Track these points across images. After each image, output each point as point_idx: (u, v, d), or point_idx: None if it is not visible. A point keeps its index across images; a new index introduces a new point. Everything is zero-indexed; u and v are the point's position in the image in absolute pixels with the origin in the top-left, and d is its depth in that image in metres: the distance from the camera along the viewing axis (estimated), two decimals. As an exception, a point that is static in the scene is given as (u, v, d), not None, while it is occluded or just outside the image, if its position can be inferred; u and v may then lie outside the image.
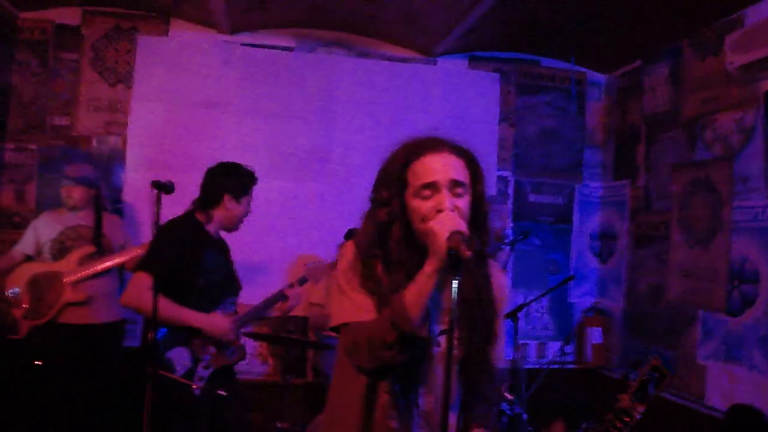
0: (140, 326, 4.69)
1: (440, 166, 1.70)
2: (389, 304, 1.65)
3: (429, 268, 1.60)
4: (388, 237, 1.74)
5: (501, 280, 1.87)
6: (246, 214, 3.36)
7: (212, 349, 3.16)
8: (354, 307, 1.73)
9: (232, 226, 3.35)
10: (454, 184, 1.69)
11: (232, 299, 3.32)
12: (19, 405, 3.99)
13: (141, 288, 2.96)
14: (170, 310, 2.98)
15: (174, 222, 3.19)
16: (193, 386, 3.04)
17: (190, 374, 3.07)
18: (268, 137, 5.03)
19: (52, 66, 4.82)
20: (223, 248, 3.39)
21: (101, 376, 4.01)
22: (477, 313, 1.73)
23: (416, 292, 1.60)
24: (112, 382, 4.05)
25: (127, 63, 4.91)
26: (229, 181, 3.27)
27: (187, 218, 3.24)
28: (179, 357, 3.07)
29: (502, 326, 1.88)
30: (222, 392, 3.08)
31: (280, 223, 4.95)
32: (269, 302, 3.42)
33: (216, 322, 3.12)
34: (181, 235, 3.14)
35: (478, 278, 1.75)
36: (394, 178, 1.75)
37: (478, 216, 1.75)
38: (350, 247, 1.82)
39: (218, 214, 3.26)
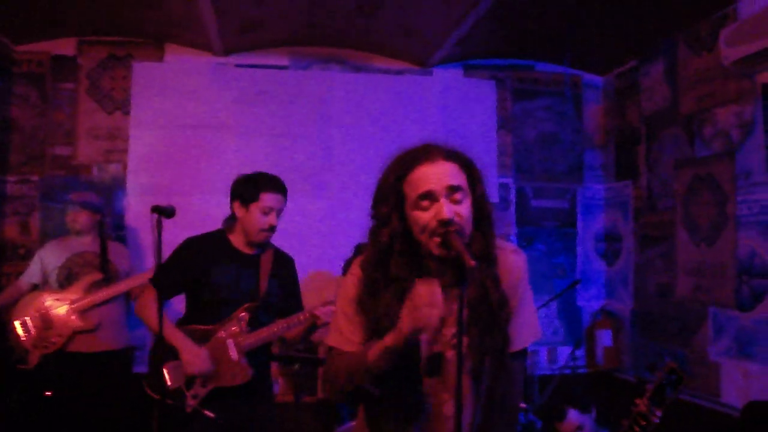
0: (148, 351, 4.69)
1: (434, 175, 1.67)
2: (378, 326, 1.69)
3: (389, 342, 1.61)
4: (390, 256, 1.74)
5: (511, 262, 1.80)
6: (261, 223, 3.07)
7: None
8: (340, 335, 1.82)
9: (251, 238, 3.11)
10: (451, 190, 1.66)
11: (242, 316, 3.11)
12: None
13: (147, 300, 3.01)
14: (164, 328, 2.91)
15: (194, 237, 3.14)
16: (188, 403, 2.93)
17: (180, 391, 2.96)
18: (267, 156, 5.02)
19: (50, 97, 4.86)
20: (252, 263, 3.17)
21: (111, 403, 4.00)
22: (487, 315, 1.69)
23: (375, 359, 1.63)
24: (122, 410, 4.03)
25: (123, 90, 4.94)
26: (238, 187, 3.10)
27: (213, 233, 3.18)
28: (174, 371, 2.97)
29: (528, 307, 1.83)
30: (209, 413, 2.91)
31: (283, 241, 4.92)
32: (287, 326, 3.16)
33: (194, 357, 2.94)
34: (194, 249, 3.07)
35: (486, 280, 1.70)
36: (391, 193, 1.73)
37: (481, 218, 1.73)
38: (355, 269, 1.84)
39: (237, 224, 3.12)
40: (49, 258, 4.09)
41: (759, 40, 3.51)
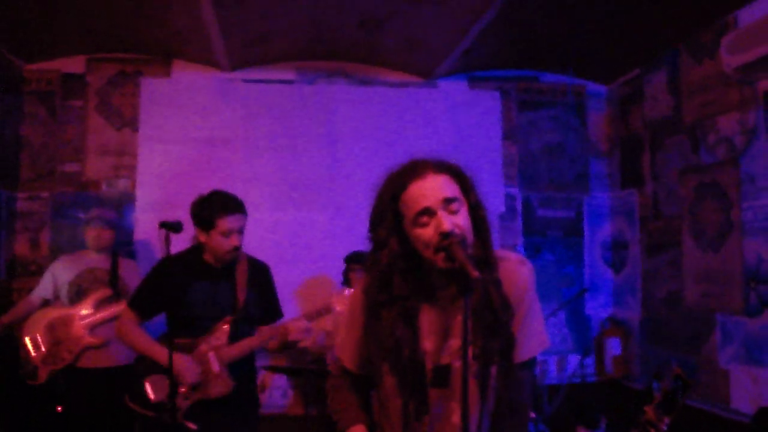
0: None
1: (428, 190, 1.67)
2: (382, 344, 1.77)
3: None
4: (392, 277, 1.75)
5: (517, 272, 1.79)
6: (225, 246, 3.07)
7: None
8: (344, 348, 1.98)
9: (219, 258, 3.13)
10: (447, 201, 1.66)
11: (224, 329, 3.13)
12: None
13: (122, 321, 3.14)
14: (143, 344, 3.07)
15: (170, 256, 3.10)
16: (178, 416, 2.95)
17: (161, 404, 2.99)
18: (274, 170, 5.09)
19: (59, 114, 4.92)
20: (228, 276, 3.20)
21: (120, 419, 4.01)
22: (490, 320, 1.69)
23: None
24: (131, 425, 4.04)
25: (131, 106, 5.00)
26: (195, 214, 3.10)
27: (189, 250, 3.21)
28: (156, 385, 3.02)
29: (535, 318, 1.82)
30: (191, 425, 2.95)
31: (290, 254, 4.98)
32: (264, 340, 3.20)
33: (183, 369, 2.98)
34: (169, 268, 3.07)
35: (488, 285, 1.71)
36: (386, 215, 1.73)
37: (477, 223, 1.73)
38: (358, 292, 1.89)
39: (205, 245, 3.14)
40: (60, 273, 4.14)
41: (759, 48, 3.53)
